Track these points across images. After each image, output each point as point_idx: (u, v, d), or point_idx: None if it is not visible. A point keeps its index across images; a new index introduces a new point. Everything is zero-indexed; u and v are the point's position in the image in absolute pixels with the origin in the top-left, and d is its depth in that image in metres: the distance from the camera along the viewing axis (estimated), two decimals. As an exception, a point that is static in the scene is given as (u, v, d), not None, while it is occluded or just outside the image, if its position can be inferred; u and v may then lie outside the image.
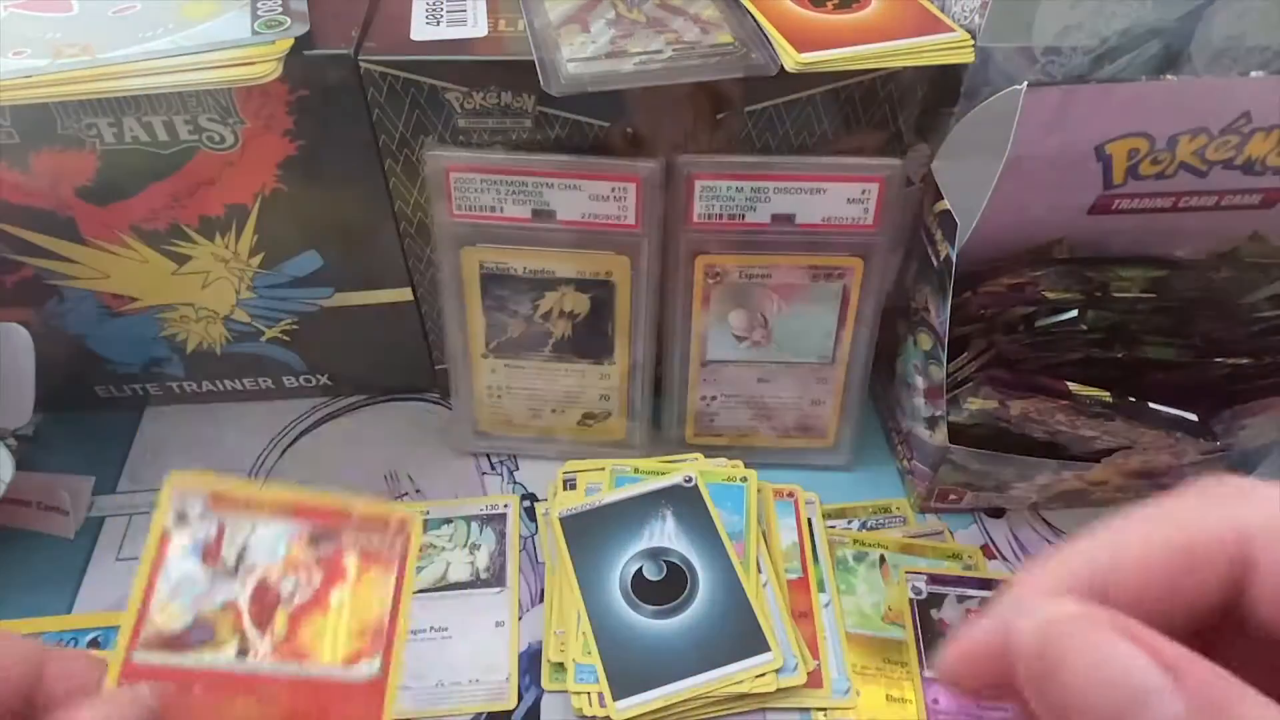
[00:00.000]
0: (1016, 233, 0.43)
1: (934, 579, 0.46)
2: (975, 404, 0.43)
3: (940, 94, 0.42)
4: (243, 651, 0.23)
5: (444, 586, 0.46)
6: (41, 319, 0.48)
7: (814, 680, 0.42)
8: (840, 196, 0.43)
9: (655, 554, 0.45)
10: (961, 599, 0.45)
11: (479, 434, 0.52)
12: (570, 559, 0.45)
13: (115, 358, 0.51)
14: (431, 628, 0.44)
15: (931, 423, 0.46)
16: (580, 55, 0.39)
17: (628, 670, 0.41)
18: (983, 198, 0.39)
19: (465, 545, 0.48)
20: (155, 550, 0.24)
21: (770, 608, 0.44)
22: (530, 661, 0.43)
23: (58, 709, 0.20)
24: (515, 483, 0.52)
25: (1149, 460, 0.45)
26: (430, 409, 0.56)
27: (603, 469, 0.50)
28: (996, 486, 0.48)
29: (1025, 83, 0.36)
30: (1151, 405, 0.41)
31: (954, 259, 0.41)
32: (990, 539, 0.50)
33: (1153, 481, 0.49)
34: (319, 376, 0.54)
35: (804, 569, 0.46)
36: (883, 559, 0.47)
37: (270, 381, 0.54)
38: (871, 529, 0.49)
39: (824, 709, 0.41)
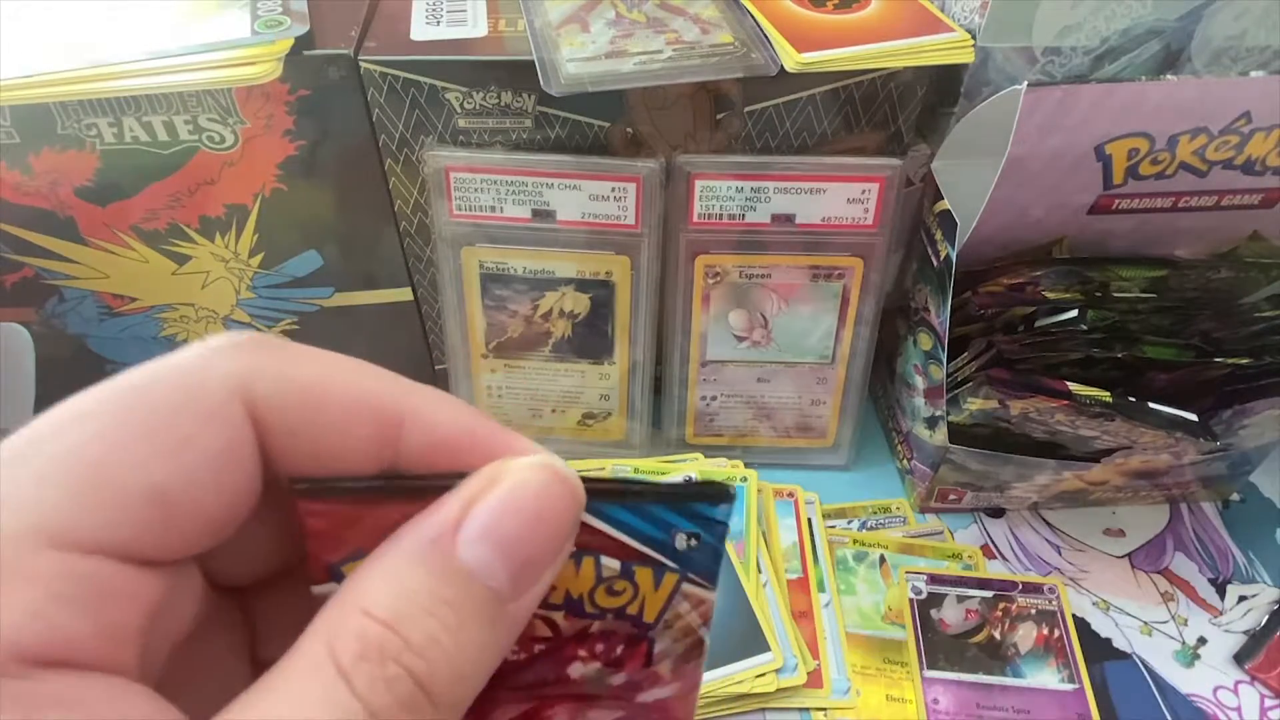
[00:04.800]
0: (1016, 233, 0.43)
1: (934, 579, 0.46)
2: (975, 404, 0.43)
3: (940, 94, 0.42)
4: None
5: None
6: (41, 319, 0.48)
7: (814, 680, 0.42)
8: (840, 196, 0.43)
9: (655, 554, 0.45)
10: (961, 599, 0.45)
11: (479, 434, 0.52)
12: (570, 559, 0.45)
13: (115, 358, 0.51)
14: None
15: (931, 423, 0.46)
16: (580, 55, 0.39)
17: (628, 670, 0.41)
18: (983, 198, 0.39)
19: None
20: None
21: (770, 608, 0.44)
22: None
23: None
24: (515, 483, 0.51)
25: (1149, 460, 0.45)
26: (430, 409, 0.56)
27: (603, 469, 0.50)
28: (996, 486, 0.48)
29: (1025, 83, 0.36)
30: (1151, 405, 0.41)
31: (954, 259, 0.41)
32: (990, 539, 0.50)
33: (1153, 481, 0.49)
34: (319, 376, 0.54)
35: (804, 569, 0.46)
36: (883, 559, 0.47)
37: (270, 381, 0.54)
38: (871, 529, 0.49)
39: (824, 709, 0.41)
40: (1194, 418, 0.42)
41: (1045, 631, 0.44)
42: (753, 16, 0.42)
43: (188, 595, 0.14)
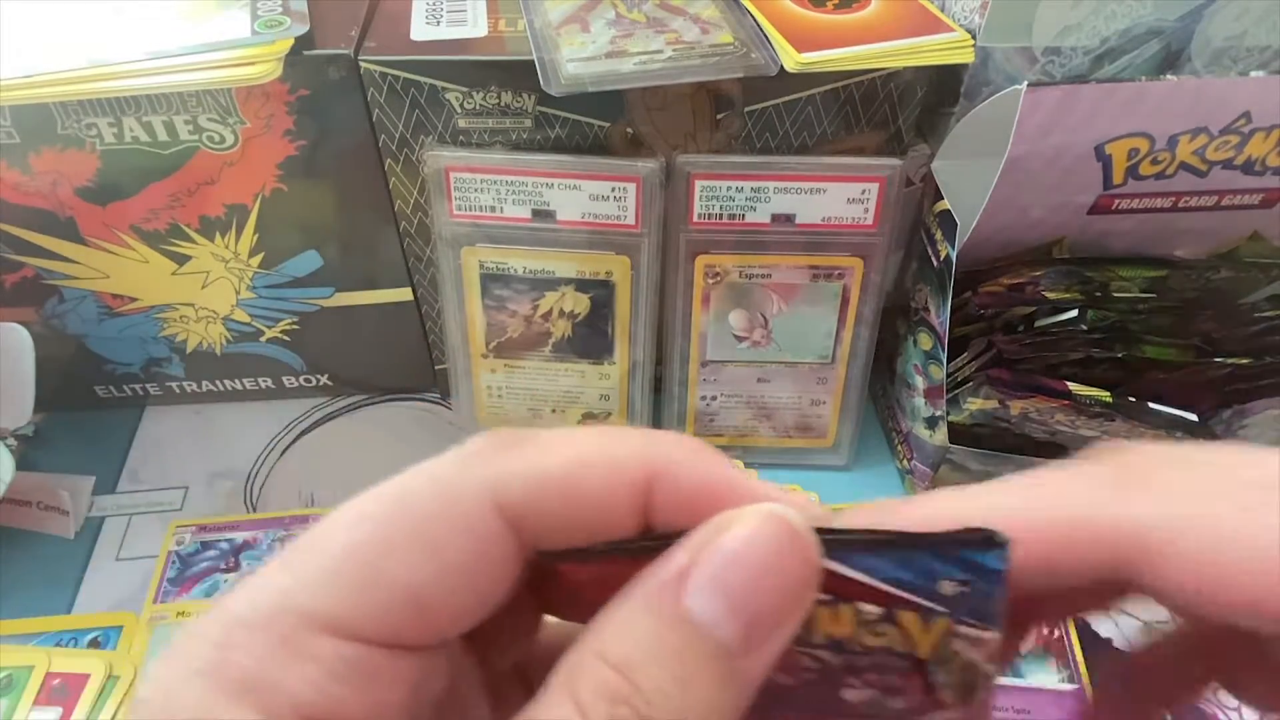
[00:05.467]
0: (1016, 233, 0.43)
1: (934, 579, 0.46)
2: (975, 404, 0.43)
3: (940, 94, 0.42)
4: None
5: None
6: (41, 319, 0.48)
7: (814, 680, 0.42)
8: (840, 196, 0.43)
9: (655, 554, 0.45)
10: (961, 599, 0.45)
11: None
12: (570, 559, 0.45)
13: (115, 358, 0.51)
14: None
15: (931, 423, 0.46)
16: (580, 55, 0.39)
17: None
18: (983, 198, 0.39)
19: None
20: None
21: (770, 608, 0.44)
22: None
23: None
24: (515, 483, 0.51)
25: (1149, 460, 0.45)
26: (430, 409, 0.56)
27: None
28: (996, 486, 0.48)
29: (1025, 83, 0.36)
30: (1151, 405, 0.41)
31: (954, 259, 0.41)
32: (990, 539, 0.49)
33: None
34: (319, 376, 0.54)
35: (804, 569, 0.46)
36: (883, 559, 0.47)
37: (270, 381, 0.54)
38: (871, 529, 0.49)
39: (824, 709, 0.41)
40: (1194, 418, 0.42)
41: (1045, 631, 0.44)
42: (753, 16, 0.42)
43: (443, 663, 0.15)
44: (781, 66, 0.39)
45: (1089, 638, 0.45)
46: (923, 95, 0.42)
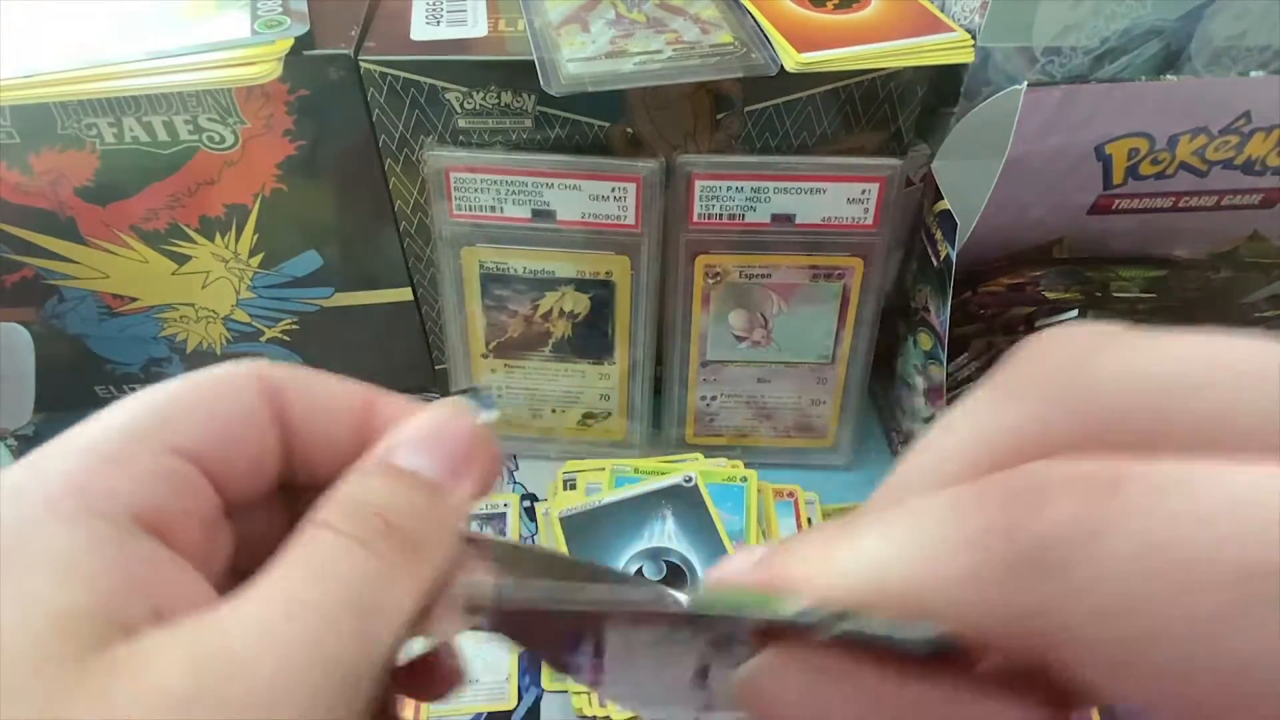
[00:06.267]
0: (1016, 233, 0.43)
1: (934, 579, 0.46)
2: (975, 404, 0.43)
3: (940, 94, 0.42)
4: None
5: (444, 586, 0.46)
6: (41, 319, 0.48)
7: (814, 680, 0.42)
8: (840, 196, 0.43)
9: (655, 554, 0.45)
10: (961, 599, 0.45)
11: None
12: (570, 559, 0.45)
13: (115, 358, 0.51)
14: (431, 628, 0.44)
15: (931, 423, 0.46)
16: (580, 55, 0.39)
17: (628, 670, 0.41)
18: (983, 198, 0.39)
19: (465, 545, 0.48)
20: None
21: (770, 608, 0.44)
22: (530, 661, 0.43)
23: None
24: (515, 482, 0.52)
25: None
26: (430, 409, 0.56)
27: (603, 469, 0.50)
28: (996, 486, 0.48)
29: (1025, 83, 0.36)
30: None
31: (954, 259, 0.41)
32: (990, 539, 0.49)
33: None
34: (319, 376, 0.54)
35: (804, 569, 0.46)
36: (883, 559, 0.47)
37: (270, 381, 0.54)
38: (871, 529, 0.49)
39: (824, 709, 0.41)
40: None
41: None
42: (753, 16, 0.42)
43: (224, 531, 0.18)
44: (781, 66, 0.39)
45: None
46: (923, 95, 0.42)
